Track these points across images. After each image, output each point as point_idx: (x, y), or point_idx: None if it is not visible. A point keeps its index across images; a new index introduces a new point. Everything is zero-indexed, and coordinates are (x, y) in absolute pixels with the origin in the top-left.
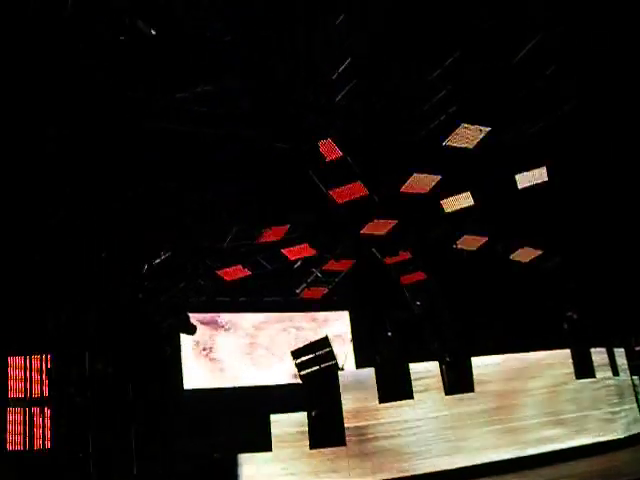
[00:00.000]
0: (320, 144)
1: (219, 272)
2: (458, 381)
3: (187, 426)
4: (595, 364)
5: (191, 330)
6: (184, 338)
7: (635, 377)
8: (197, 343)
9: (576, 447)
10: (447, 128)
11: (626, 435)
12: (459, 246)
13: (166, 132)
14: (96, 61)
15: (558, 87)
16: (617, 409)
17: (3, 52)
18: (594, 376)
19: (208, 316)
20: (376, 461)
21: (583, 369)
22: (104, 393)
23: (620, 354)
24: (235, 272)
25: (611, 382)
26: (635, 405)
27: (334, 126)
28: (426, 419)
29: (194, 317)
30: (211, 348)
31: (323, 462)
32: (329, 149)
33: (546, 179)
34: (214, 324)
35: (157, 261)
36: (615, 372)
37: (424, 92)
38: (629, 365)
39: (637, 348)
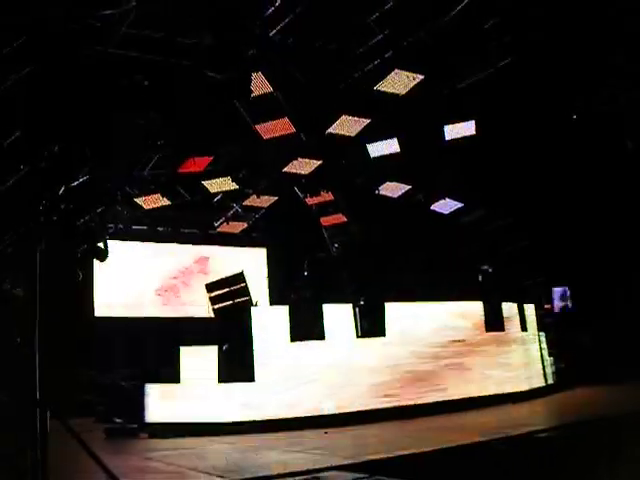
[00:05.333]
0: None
1: (138, 200)
2: (371, 325)
3: (95, 354)
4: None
5: (102, 257)
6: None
7: (542, 333)
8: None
9: (479, 397)
10: (381, 73)
11: (530, 388)
12: (381, 192)
13: (93, 55)
14: None
15: (495, 42)
16: (523, 363)
17: None
18: (503, 330)
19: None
20: (285, 398)
21: (493, 322)
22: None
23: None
24: (154, 201)
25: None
26: (540, 360)
27: (267, 60)
28: (336, 360)
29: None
30: (128, 277)
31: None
32: (259, 83)
33: (474, 132)
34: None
35: (75, 184)
36: (524, 327)
37: (360, 35)
38: (537, 321)
39: (546, 306)
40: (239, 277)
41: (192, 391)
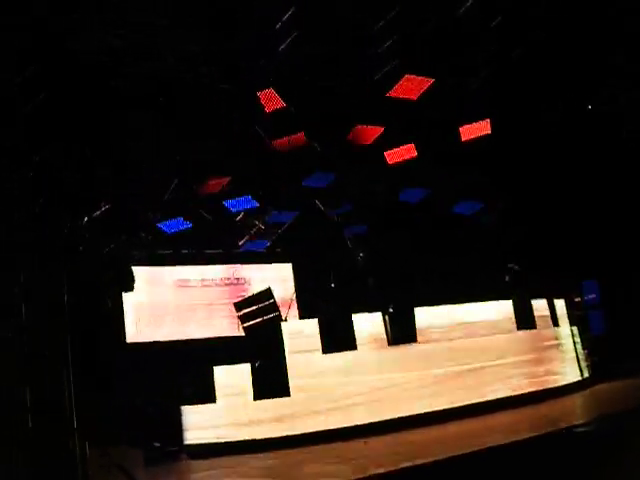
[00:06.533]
0: (261, 94)
1: (160, 224)
2: (401, 332)
3: (128, 380)
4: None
5: (129, 286)
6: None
7: (574, 327)
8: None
9: (514, 396)
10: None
11: (564, 383)
12: (402, 198)
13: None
14: None
15: (503, 40)
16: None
17: None
18: (535, 327)
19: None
20: (322, 412)
21: (524, 320)
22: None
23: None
24: (176, 225)
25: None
26: (574, 354)
27: (278, 74)
28: (368, 368)
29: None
30: (156, 301)
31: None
32: (270, 99)
33: (489, 132)
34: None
35: (97, 213)
36: (555, 323)
37: (369, 43)
38: (569, 316)
39: (577, 299)
40: (267, 294)
41: (229, 409)
